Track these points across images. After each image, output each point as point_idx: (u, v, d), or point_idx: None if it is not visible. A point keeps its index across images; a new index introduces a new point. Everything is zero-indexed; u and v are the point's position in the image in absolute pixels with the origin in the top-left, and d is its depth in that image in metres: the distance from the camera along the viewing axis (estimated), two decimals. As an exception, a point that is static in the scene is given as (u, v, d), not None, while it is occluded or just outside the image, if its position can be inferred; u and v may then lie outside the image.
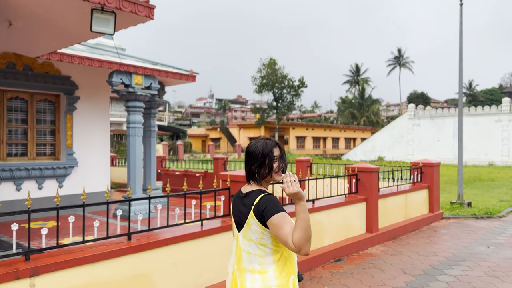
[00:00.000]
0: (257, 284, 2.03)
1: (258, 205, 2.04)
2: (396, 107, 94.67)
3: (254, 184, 2.16)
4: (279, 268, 2.06)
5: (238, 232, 2.14)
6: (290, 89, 43.38)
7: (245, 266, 2.08)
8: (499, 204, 11.52)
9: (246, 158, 2.17)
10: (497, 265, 5.92)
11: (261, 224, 2.03)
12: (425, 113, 39.34)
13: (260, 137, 2.21)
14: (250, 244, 2.08)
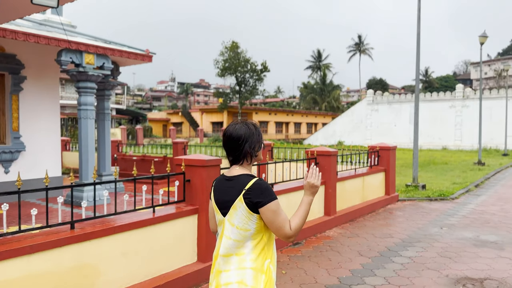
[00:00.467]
0: (232, 266, 2.03)
1: (251, 190, 2.01)
2: (356, 93, 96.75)
3: (239, 168, 2.13)
4: (256, 252, 2.05)
5: (224, 217, 2.10)
6: (253, 73, 43.08)
7: (220, 251, 2.08)
8: (452, 187, 11.99)
9: (230, 143, 2.12)
10: (449, 245, 6.10)
11: (249, 209, 2.01)
12: (383, 98, 40.37)
13: (238, 121, 2.18)
14: (232, 229, 2.06)
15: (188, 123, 55.90)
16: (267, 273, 2.05)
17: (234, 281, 2.00)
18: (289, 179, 6.64)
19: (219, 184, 2.18)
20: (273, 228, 2.03)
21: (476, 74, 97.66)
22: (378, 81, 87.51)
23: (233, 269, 2.03)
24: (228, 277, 2.03)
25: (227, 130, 2.14)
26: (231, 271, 2.03)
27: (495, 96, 34.47)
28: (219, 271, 2.07)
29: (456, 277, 4.75)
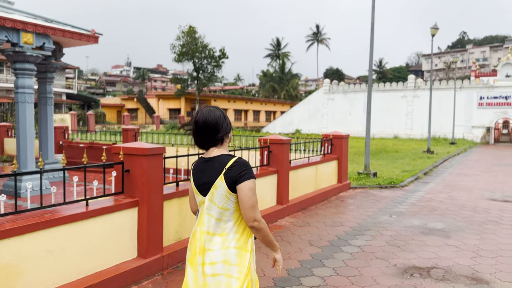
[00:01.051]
0: (217, 246, 2.09)
1: (231, 168, 2.08)
2: (314, 82, 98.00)
3: (218, 149, 2.19)
4: (239, 231, 2.14)
5: (204, 197, 2.15)
6: (211, 59, 42.34)
7: (205, 228, 2.13)
8: (401, 174, 12.29)
9: (207, 127, 2.16)
10: (398, 233, 6.16)
11: (228, 188, 2.07)
12: (338, 88, 41.06)
13: (204, 107, 2.25)
14: (214, 207, 2.12)
15: (144, 110, 54.28)
16: (251, 251, 2.16)
17: (219, 261, 2.08)
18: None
19: (198, 166, 2.23)
20: (245, 206, 2.06)
21: (427, 65, 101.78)
22: (335, 71, 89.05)
23: (217, 249, 2.09)
24: (214, 257, 2.09)
25: (201, 116, 2.17)
26: (215, 251, 2.09)
27: (445, 87, 35.96)
28: (205, 249, 2.11)
29: (404, 267, 4.75)
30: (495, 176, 12.91)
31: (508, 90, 33.19)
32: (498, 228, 6.49)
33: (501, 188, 10.64)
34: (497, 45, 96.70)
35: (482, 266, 4.74)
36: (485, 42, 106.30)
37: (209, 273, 2.09)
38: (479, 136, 34.28)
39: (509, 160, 18.67)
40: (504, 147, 29.09)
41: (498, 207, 8.20)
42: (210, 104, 34.16)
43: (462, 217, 7.25)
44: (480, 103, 34.37)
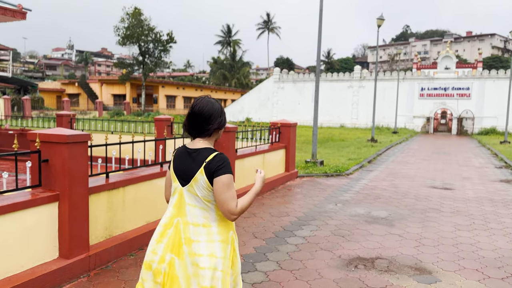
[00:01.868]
0: (202, 237, 2.11)
1: (211, 162, 2.10)
2: (265, 71, 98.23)
3: (203, 142, 2.21)
4: (221, 224, 2.17)
5: (182, 187, 2.16)
6: (157, 43, 40.82)
7: (188, 219, 2.14)
8: (347, 163, 12.42)
9: (199, 118, 2.18)
10: (343, 223, 6.07)
11: (208, 182, 2.09)
12: (288, 77, 41.29)
13: (205, 97, 2.25)
14: (196, 198, 2.14)
15: (86, 95, 51.55)
16: (232, 243, 2.21)
17: (205, 254, 2.09)
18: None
19: (181, 154, 2.23)
20: (220, 201, 2.09)
21: (372, 57, 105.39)
22: (285, 60, 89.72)
23: (203, 241, 2.10)
24: (199, 249, 2.09)
25: (198, 105, 2.20)
26: (201, 242, 2.10)
27: (388, 78, 37.24)
28: (191, 240, 2.10)
29: (349, 258, 4.63)
30: (435, 164, 13.43)
31: (447, 82, 34.99)
32: (439, 216, 6.61)
33: (441, 176, 11.03)
34: (437, 39, 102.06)
35: (425, 256, 4.73)
36: (426, 36, 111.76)
37: (199, 263, 2.10)
38: (420, 125, 35.97)
39: (447, 149, 19.63)
40: (442, 136, 30.71)
41: (438, 194, 8.43)
42: (157, 91, 33.17)
43: (404, 205, 7.34)
44: (421, 94, 35.98)
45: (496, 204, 7.49)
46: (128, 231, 4.65)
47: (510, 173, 11.67)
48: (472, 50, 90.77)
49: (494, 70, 34.16)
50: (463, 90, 34.51)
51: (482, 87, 33.90)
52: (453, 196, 8.30)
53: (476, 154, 17.18)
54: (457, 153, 17.45)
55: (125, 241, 4.43)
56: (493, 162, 14.50)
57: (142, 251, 4.59)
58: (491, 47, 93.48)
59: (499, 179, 10.63)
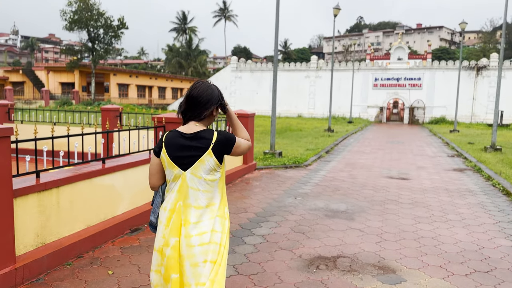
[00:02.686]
0: (205, 217, 2.19)
1: (218, 142, 2.17)
2: (222, 60, 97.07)
3: (199, 124, 2.23)
4: (221, 201, 2.28)
5: (184, 171, 2.17)
6: (108, 29, 38.87)
7: (190, 202, 2.18)
8: (305, 153, 12.26)
9: (197, 101, 2.22)
10: (303, 218, 5.81)
11: (217, 161, 2.17)
12: (246, 66, 40.82)
13: (204, 81, 2.29)
14: (200, 181, 2.18)
15: (31, 83, 48.45)
16: (228, 218, 2.32)
17: (208, 230, 2.17)
18: (129, 151, 5.50)
19: (175, 140, 2.21)
20: (243, 152, 2.29)
21: (328, 48, 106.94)
22: (243, 49, 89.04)
23: (206, 219, 2.18)
24: (201, 227, 2.16)
25: (198, 88, 2.24)
26: (204, 221, 2.18)
27: (344, 68, 37.73)
28: (190, 222, 2.16)
29: (310, 257, 4.36)
30: (390, 154, 13.59)
31: (400, 72, 35.96)
32: (398, 208, 6.52)
33: (397, 165, 11.12)
34: (389, 31, 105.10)
35: (387, 252, 4.55)
36: (379, 27, 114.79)
37: (196, 243, 2.14)
38: (374, 115, 36.83)
39: (401, 138, 20.10)
40: (395, 126, 31.59)
41: (396, 185, 8.41)
42: (109, 79, 31.86)
43: (363, 197, 7.22)
44: (375, 84, 36.79)
45: (452, 194, 7.55)
46: (64, 237, 4.10)
47: (462, 162, 11.99)
48: (421, 42, 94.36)
49: (443, 61, 35.51)
50: (415, 80, 35.63)
51: (432, 77, 35.15)
52: (410, 186, 8.30)
53: (429, 143, 17.67)
54: (411, 142, 17.87)
55: (60, 249, 3.89)
56: (445, 151, 14.93)
57: (81, 259, 4.07)
58: (439, 39, 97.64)
59: (452, 168, 10.87)
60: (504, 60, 33.95)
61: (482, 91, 33.84)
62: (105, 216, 4.75)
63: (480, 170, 10.10)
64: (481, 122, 33.33)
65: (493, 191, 7.88)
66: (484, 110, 33.79)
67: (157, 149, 2.27)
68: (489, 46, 72.85)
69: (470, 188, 8.14)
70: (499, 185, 8.13)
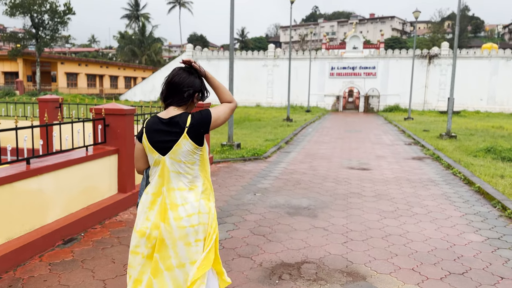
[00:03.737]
0: (190, 199, 2.21)
1: (193, 124, 2.17)
2: (178, 48, 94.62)
3: (178, 109, 2.24)
4: (205, 183, 2.30)
5: (163, 156, 2.20)
6: (53, 14, 36.36)
7: (173, 186, 2.21)
8: (264, 144, 11.81)
9: (177, 87, 2.24)
10: (263, 217, 5.33)
11: (195, 144, 2.18)
12: (202, 54, 39.73)
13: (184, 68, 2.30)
14: (180, 164, 2.21)
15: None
16: (212, 199, 2.35)
17: (195, 212, 2.21)
18: (61, 149, 4.76)
19: (154, 125, 2.23)
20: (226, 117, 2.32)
21: (284, 37, 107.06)
22: (199, 38, 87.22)
23: (192, 202, 2.22)
24: (188, 209, 2.20)
25: (178, 75, 2.25)
26: (190, 203, 2.21)
27: (301, 57, 37.62)
28: (177, 205, 2.19)
29: (271, 265, 3.88)
30: (349, 143, 13.44)
31: (355, 61, 36.33)
32: (362, 202, 6.19)
33: (356, 155, 10.92)
34: (343, 21, 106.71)
35: (355, 254, 4.15)
36: (333, 17, 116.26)
37: (187, 224, 2.19)
38: (330, 104, 37.11)
39: (358, 127, 20.16)
40: (351, 114, 31.93)
41: (357, 176, 8.13)
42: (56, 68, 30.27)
43: (325, 190, 6.86)
44: (332, 73, 37.00)
45: (415, 185, 7.35)
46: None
47: (420, 150, 12.00)
48: (374, 32, 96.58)
49: (397, 50, 36.24)
50: (370, 69, 36.15)
51: (386, 66, 35.80)
52: (372, 177, 8.06)
53: (385, 131, 17.79)
54: (368, 131, 17.92)
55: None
56: (402, 138, 15.01)
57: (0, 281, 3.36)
58: (391, 29, 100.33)
59: (411, 156, 10.81)
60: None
61: (433, 79, 34.91)
62: (31, 227, 4.02)
63: (439, 158, 10.08)
64: (433, 109, 34.43)
65: (455, 181, 7.78)
66: (436, 97, 34.91)
67: (139, 135, 2.31)
68: (438, 36, 75.65)
69: (431, 178, 8.01)
70: (460, 174, 8.06)
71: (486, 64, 33.56)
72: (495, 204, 5.98)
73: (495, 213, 5.63)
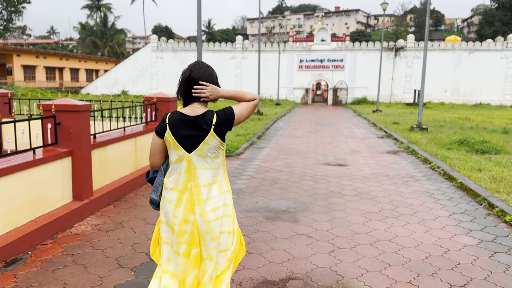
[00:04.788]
0: (215, 193, 2.31)
1: (219, 122, 2.25)
2: (143, 40, 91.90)
3: (201, 106, 2.30)
4: (226, 177, 2.41)
5: (189, 153, 2.26)
6: (7, 3, 34.11)
7: (200, 182, 2.28)
8: (236, 140, 11.28)
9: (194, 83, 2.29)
10: (240, 224, 4.80)
11: (220, 140, 2.27)
12: (168, 46, 38.50)
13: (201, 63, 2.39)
14: (206, 160, 2.28)
15: None
16: (231, 192, 2.47)
17: (220, 205, 2.32)
18: (1, 153, 4.06)
19: (180, 122, 2.27)
20: (249, 113, 2.38)
21: (251, 29, 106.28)
22: (164, 29, 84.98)
23: (217, 195, 2.31)
24: (214, 203, 2.30)
25: (199, 69, 2.32)
26: (215, 197, 2.31)
27: (270, 49, 37.13)
28: (203, 200, 2.28)
29: (253, 285, 3.38)
30: (322, 137, 13.11)
31: (324, 53, 36.23)
32: (343, 202, 5.80)
33: (331, 149, 10.59)
34: (309, 13, 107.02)
35: (345, 266, 3.72)
36: (299, 10, 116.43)
37: (212, 218, 2.28)
38: (300, 97, 36.91)
39: (329, 120, 19.95)
40: (320, 107, 31.85)
41: (335, 172, 7.76)
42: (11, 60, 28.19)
43: (304, 190, 6.42)
44: (300, 66, 36.76)
45: (395, 182, 7.05)
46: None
47: (393, 143, 11.83)
48: (340, 25, 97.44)
49: (364, 43, 36.40)
50: (338, 61, 36.17)
51: (354, 59, 35.92)
52: (350, 173, 7.70)
53: (356, 124, 17.64)
54: (339, 124, 17.72)
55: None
56: (373, 132, 14.86)
57: None
58: (356, 22, 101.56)
59: (385, 150, 10.58)
60: (419, 42, 35.68)
61: (400, 72, 35.36)
62: (-38, 249, 3.34)
63: (414, 152, 9.89)
64: (399, 101, 34.90)
65: (434, 176, 7.55)
66: (402, 89, 35.40)
67: (160, 130, 2.32)
68: (401, 29, 77.21)
69: (410, 173, 7.74)
70: (439, 169, 7.84)
71: (450, 56, 34.29)
72: (480, 201, 5.73)
73: (482, 212, 5.37)
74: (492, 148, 10.00)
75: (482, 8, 76.75)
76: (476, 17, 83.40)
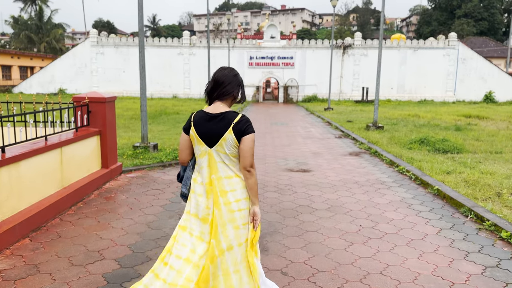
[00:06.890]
0: (237, 186, 2.48)
1: (239, 123, 2.41)
2: (83, 36, 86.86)
3: (223, 105, 2.50)
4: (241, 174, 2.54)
5: (210, 148, 2.44)
6: None
7: (221, 175, 2.46)
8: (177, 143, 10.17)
9: (220, 83, 2.51)
10: (194, 259, 3.82)
11: (236, 139, 2.41)
12: (109, 41, 36.14)
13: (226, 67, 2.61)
14: (225, 156, 2.45)
15: None
16: None
17: (242, 198, 2.49)
18: None
19: (203, 119, 2.47)
20: (247, 154, 2.43)
21: (198, 26, 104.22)
22: (106, 24, 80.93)
23: (239, 188, 2.48)
24: (237, 195, 2.47)
25: (223, 70, 2.56)
26: (237, 190, 2.47)
27: (219, 45, 35.98)
28: (226, 191, 2.45)
29: None
30: (279, 138, 12.34)
31: (274, 51, 35.68)
32: (316, 219, 4.98)
33: (291, 152, 9.81)
34: (256, 11, 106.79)
35: (338, 321, 2.87)
36: (246, 7, 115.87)
37: (236, 208, 2.45)
38: (251, 94, 36.12)
39: (282, 119, 19.29)
40: (271, 105, 31.26)
41: (300, 180, 6.95)
42: None
43: (269, 205, 5.54)
44: (251, 63, 35.97)
45: (367, 190, 6.36)
46: None
47: (353, 144, 11.28)
48: (286, 23, 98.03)
49: (313, 40, 36.29)
50: (288, 59, 35.79)
51: (303, 56, 35.70)
52: (316, 181, 6.94)
53: (311, 123, 17.10)
54: (294, 123, 17.10)
55: None
56: (330, 131, 14.33)
57: None
58: (302, 21, 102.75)
59: (347, 152, 9.98)
60: (367, 40, 36.16)
61: (348, 69, 35.63)
62: None
63: (377, 153, 9.36)
64: (348, 99, 35.17)
65: (405, 181, 6.97)
66: (350, 87, 35.72)
67: (187, 127, 2.54)
68: (344, 28, 78.92)
69: (380, 179, 7.12)
70: (409, 173, 7.28)
71: (395, 54, 35.03)
72: (465, 212, 5.15)
73: (471, 226, 4.77)
74: (453, 147, 9.72)
75: (419, 8, 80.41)
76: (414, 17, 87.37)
